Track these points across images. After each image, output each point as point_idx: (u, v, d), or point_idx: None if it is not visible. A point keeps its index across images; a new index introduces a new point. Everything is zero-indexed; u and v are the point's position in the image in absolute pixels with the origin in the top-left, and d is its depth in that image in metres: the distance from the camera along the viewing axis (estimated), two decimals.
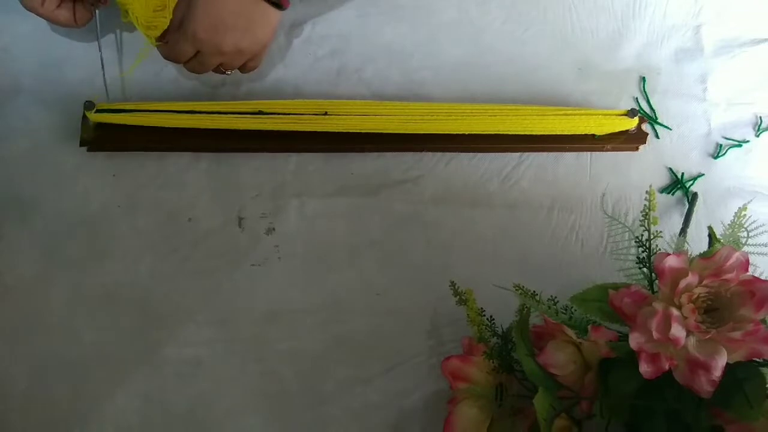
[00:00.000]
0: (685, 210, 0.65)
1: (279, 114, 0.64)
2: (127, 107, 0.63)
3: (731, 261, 0.44)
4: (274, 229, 0.64)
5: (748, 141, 0.69)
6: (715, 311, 0.44)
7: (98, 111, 0.63)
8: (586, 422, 0.48)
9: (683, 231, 0.61)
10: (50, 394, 0.59)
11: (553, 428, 0.46)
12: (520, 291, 0.52)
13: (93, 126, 0.63)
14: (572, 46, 0.72)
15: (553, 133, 0.66)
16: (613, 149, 0.68)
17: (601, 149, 0.68)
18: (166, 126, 0.63)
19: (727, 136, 0.69)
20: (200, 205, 0.64)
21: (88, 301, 0.61)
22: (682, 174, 0.68)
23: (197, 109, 0.64)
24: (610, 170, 0.68)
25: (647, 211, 0.50)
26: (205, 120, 0.63)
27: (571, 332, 0.49)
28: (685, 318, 0.43)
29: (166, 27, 0.61)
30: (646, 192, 0.51)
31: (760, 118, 0.70)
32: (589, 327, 0.49)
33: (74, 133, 0.64)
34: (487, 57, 0.71)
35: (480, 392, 0.52)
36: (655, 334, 0.42)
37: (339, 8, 0.71)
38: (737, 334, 0.42)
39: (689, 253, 0.47)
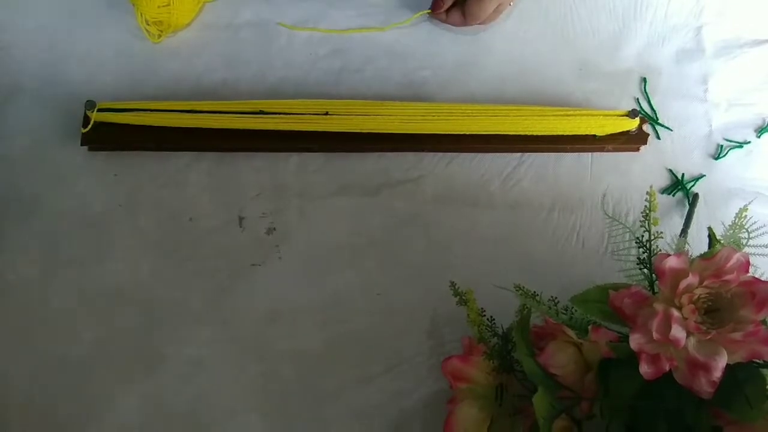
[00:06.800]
0: (686, 211, 0.65)
1: (280, 114, 0.64)
2: (128, 107, 0.64)
3: (732, 262, 0.44)
4: (274, 228, 0.64)
5: (749, 142, 0.69)
6: (715, 312, 0.44)
7: (99, 110, 0.63)
8: (586, 423, 0.48)
9: (684, 232, 0.61)
10: (50, 394, 0.59)
11: (553, 428, 0.46)
12: (520, 291, 0.51)
13: (94, 125, 0.63)
14: (573, 46, 0.72)
15: (554, 134, 0.66)
16: (614, 150, 0.68)
17: (602, 150, 0.68)
18: (167, 126, 0.63)
19: (728, 137, 0.69)
20: (201, 205, 0.64)
21: (89, 300, 0.61)
22: (683, 175, 0.68)
23: (198, 109, 0.64)
24: (610, 171, 0.68)
25: (648, 211, 0.50)
26: (206, 120, 0.63)
27: (571, 333, 0.49)
28: (686, 319, 0.42)
29: (170, 21, 0.66)
30: (647, 193, 0.51)
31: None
32: (590, 327, 0.49)
33: (75, 132, 0.64)
34: (488, 57, 0.71)
35: (480, 392, 0.52)
36: (655, 335, 0.42)
37: (340, 8, 0.71)
38: (737, 335, 0.42)
39: (690, 254, 0.46)
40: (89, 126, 0.63)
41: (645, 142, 0.68)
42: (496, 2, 0.67)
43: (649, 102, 0.70)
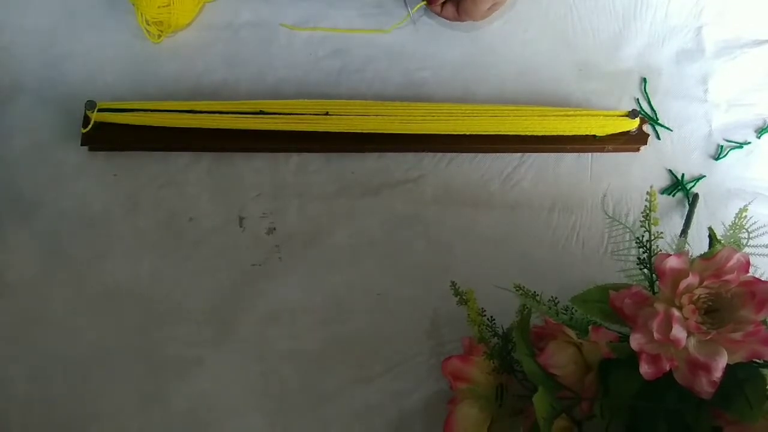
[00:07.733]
0: (686, 211, 0.65)
1: (280, 114, 0.64)
2: (128, 107, 0.64)
3: (732, 262, 0.44)
4: (274, 229, 0.64)
5: (749, 142, 0.69)
6: (715, 312, 0.44)
7: (99, 110, 0.63)
8: (586, 423, 0.48)
9: (684, 232, 0.61)
10: (50, 394, 0.59)
11: (553, 428, 0.46)
12: (520, 291, 0.52)
13: (94, 125, 0.63)
14: (573, 46, 0.72)
15: (554, 134, 0.66)
16: (614, 150, 0.68)
17: (602, 150, 0.68)
18: (167, 126, 0.63)
19: (728, 138, 0.69)
20: (201, 205, 0.64)
21: (89, 300, 0.61)
22: (683, 175, 0.68)
23: (198, 109, 0.64)
24: (611, 171, 0.68)
25: (648, 212, 0.50)
26: (206, 120, 0.63)
27: (571, 333, 0.49)
28: (686, 319, 0.42)
29: (170, 21, 0.66)
30: (647, 193, 0.51)
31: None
32: (590, 327, 0.49)
33: (75, 132, 0.64)
34: (488, 57, 0.71)
35: (480, 392, 0.52)
36: (655, 335, 0.42)
37: (340, 8, 0.71)
38: (738, 335, 0.42)
39: (690, 254, 0.46)
40: (89, 126, 0.63)
41: (645, 143, 0.68)
42: (491, 1, 0.67)
43: (649, 102, 0.70)
